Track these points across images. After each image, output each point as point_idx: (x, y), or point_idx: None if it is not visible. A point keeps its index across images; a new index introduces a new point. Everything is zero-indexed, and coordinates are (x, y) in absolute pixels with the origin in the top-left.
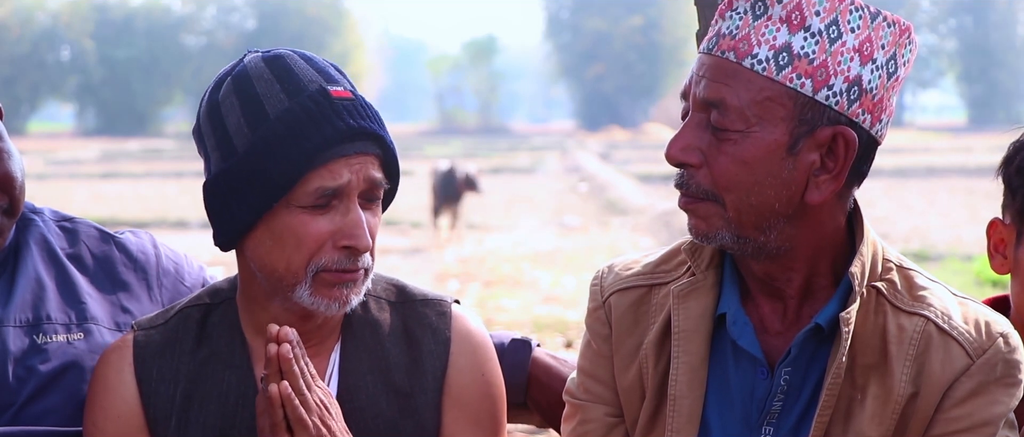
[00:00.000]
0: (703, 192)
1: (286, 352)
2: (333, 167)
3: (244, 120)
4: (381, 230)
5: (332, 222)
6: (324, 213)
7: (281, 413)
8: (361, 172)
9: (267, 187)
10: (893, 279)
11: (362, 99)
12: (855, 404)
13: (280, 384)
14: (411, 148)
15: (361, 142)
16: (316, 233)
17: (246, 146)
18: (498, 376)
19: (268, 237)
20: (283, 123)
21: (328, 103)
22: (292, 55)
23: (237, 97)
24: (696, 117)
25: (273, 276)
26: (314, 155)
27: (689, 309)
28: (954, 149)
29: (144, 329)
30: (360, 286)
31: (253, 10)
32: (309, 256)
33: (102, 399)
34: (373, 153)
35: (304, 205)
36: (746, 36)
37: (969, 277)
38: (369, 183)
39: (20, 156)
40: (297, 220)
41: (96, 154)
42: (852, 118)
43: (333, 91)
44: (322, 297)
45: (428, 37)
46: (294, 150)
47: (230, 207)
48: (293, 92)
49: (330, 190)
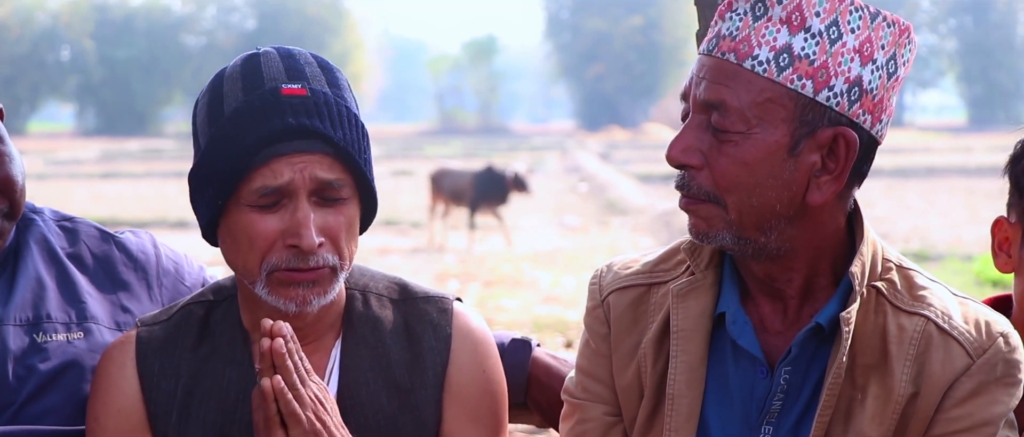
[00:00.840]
0: (704, 193)
1: (279, 347)
2: (274, 166)
3: (208, 117)
4: (381, 230)
5: (282, 221)
6: (274, 212)
7: (274, 407)
8: (306, 171)
9: (218, 184)
10: (893, 279)
11: (324, 97)
12: (855, 404)
13: (273, 378)
14: (411, 148)
15: (303, 140)
16: (264, 232)
17: (206, 143)
18: (499, 373)
19: (228, 235)
20: (232, 121)
21: (275, 100)
22: (269, 53)
23: (210, 94)
24: (697, 118)
25: (238, 273)
26: (254, 152)
27: (688, 308)
28: (954, 149)
29: (147, 325)
30: (325, 286)
31: (253, 10)
32: (261, 255)
33: (104, 394)
34: (320, 151)
35: (251, 204)
36: (746, 37)
37: (969, 277)
38: (316, 183)
39: (21, 158)
40: (247, 219)
41: (96, 154)
42: (853, 119)
43: (285, 88)
44: (279, 296)
45: (428, 37)
46: (237, 147)
47: (197, 203)
48: (249, 89)
49: (271, 189)
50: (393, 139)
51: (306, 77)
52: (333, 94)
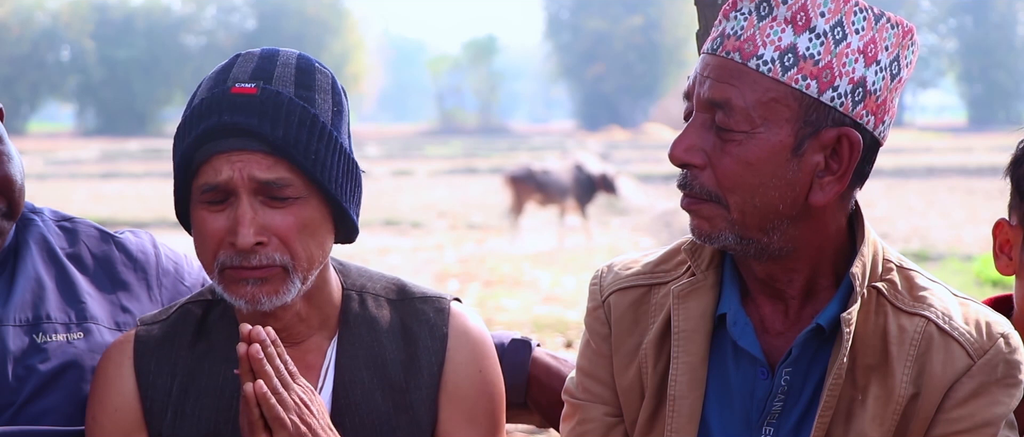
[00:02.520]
0: (706, 193)
1: (256, 352)
2: (214, 163)
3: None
4: (381, 230)
5: (228, 218)
6: (222, 210)
7: (257, 411)
8: (244, 170)
9: (177, 180)
10: (894, 279)
11: (275, 97)
12: (856, 405)
13: (255, 383)
14: (411, 148)
15: (238, 138)
16: (212, 230)
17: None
18: (497, 374)
19: (194, 232)
20: (186, 118)
21: (223, 99)
22: (251, 54)
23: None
24: (700, 117)
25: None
26: (195, 149)
27: (689, 309)
28: (954, 149)
29: (146, 325)
30: (276, 285)
31: (253, 10)
32: (213, 253)
33: (101, 393)
34: (257, 150)
35: (200, 201)
36: (751, 37)
37: (969, 277)
38: (255, 182)
39: (20, 158)
40: (199, 216)
41: (96, 154)
42: (856, 119)
43: (236, 87)
44: (231, 293)
45: (428, 37)
46: (184, 144)
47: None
48: (209, 87)
49: (211, 186)
50: (393, 139)
51: (270, 78)
52: (294, 95)
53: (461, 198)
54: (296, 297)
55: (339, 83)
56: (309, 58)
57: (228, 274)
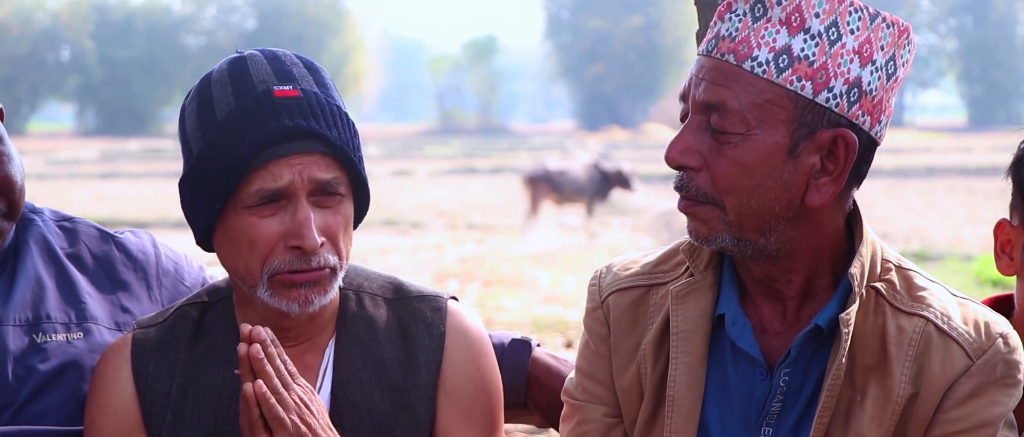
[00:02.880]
0: (703, 195)
1: (256, 352)
2: (273, 168)
3: (198, 123)
4: (381, 230)
5: (282, 223)
6: (273, 214)
7: (257, 412)
8: (304, 172)
9: (215, 190)
10: (892, 280)
11: (316, 98)
12: (855, 405)
13: (254, 383)
14: (411, 148)
15: (300, 141)
16: (265, 235)
17: (198, 149)
18: (494, 372)
19: (226, 239)
20: (226, 125)
21: (269, 103)
22: (255, 55)
23: (197, 100)
24: (696, 119)
25: (237, 277)
26: (252, 156)
27: (688, 309)
28: (954, 149)
29: (143, 327)
30: (326, 286)
31: (253, 10)
32: (263, 258)
33: (100, 396)
34: (317, 152)
35: (250, 206)
36: (746, 38)
37: (969, 277)
38: (315, 183)
39: (20, 158)
40: (246, 222)
41: (96, 154)
42: (852, 120)
43: (277, 90)
44: (281, 298)
45: (428, 37)
46: (234, 152)
47: (193, 209)
48: (240, 93)
49: (270, 191)
50: (393, 139)
51: (295, 78)
52: (323, 94)
53: (461, 198)
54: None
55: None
56: (303, 57)
57: (280, 279)
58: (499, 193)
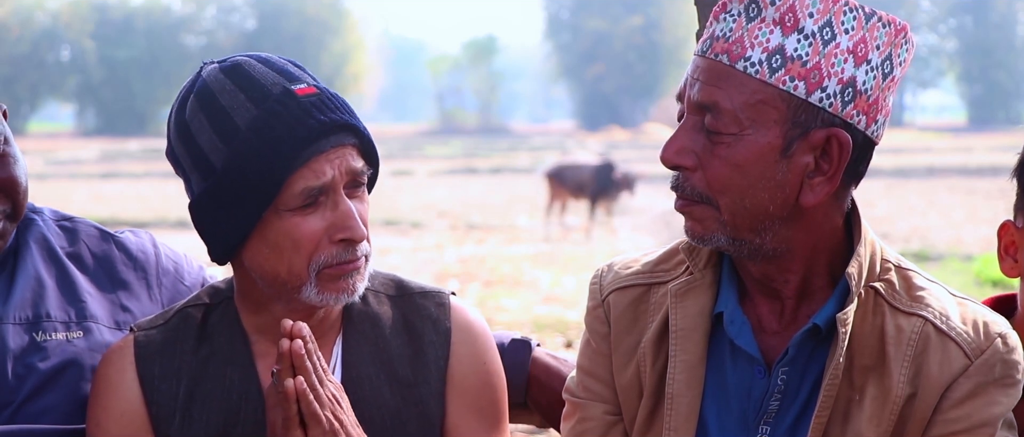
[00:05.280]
0: (698, 195)
1: (298, 348)
2: (314, 165)
3: (216, 136)
4: (381, 230)
5: (324, 218)
6: (314, 211)
7: (296, 408)
8: (342, 165)
9: (253, 198)
10: (891, 279)
11: (327, 92)
12: (853, 405)
13: (295, 380)
14: (411, 148)
15: (336, 135)
16: (310, 232)
17: (223, 161)
18: (498, 365)
19: (264, 246)
20: (255, 132)
21: (295, 103)
22: (249, 61)
23: (204, 113)
24: (691, 120)
25: (276, 282)
26: (293, 157)
27: (687, 308)
28: (954, 149)
29: (144, 330)
30: (363, 273)
31: (253, 10)
32: (309, 256)
33: (104, 399)
34: (350, 143)
35: (293, 208)
36: (739, 38)
37: (969, 277)
38: (351, 174)
39: (24, 160)
40: (289, 224)
41: (96, 154)
42: (846, 120)
43: (297, 89)
44: (330, 292)
45: (428, 37)
46: (272, 156)
47: (220, 224)
48: (259, 98)
49: (316, 189)
50: (393, 139)
51: (299, 77)
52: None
53: (461, 198)
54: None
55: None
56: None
57: (329, 273)
58: (499, 193)
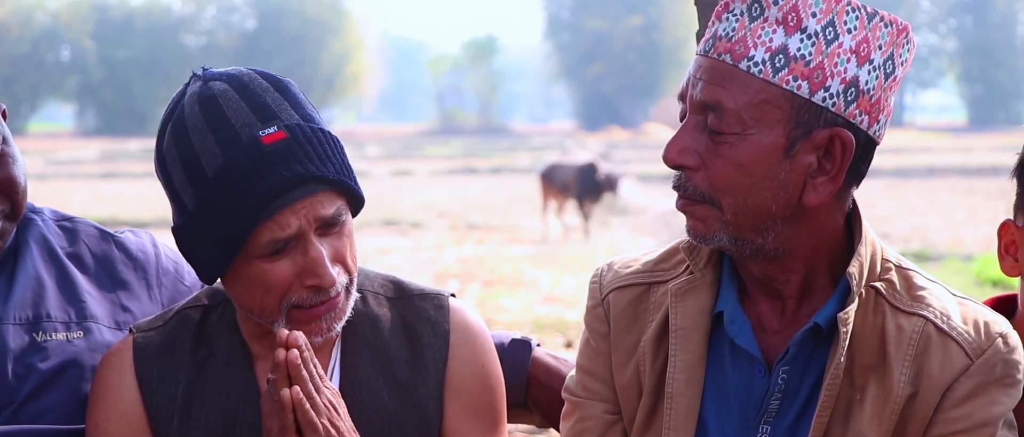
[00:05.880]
0: (700, 194)
1: (295, 358)
2: (279, 219)
3: (186, 178)
4: (381, 230)
5: (294, 263)
6: (284, 256)
7: (292, 417)
8: (309, 214)
9: (220, 244)
10: (892, 279)
11: (301, 131)
12: (854, 404)
13: (292, 389)
14: (411, 148)
15: (301, 188)
16: (280, 277)
17: (193, 204)
18: (497, 368)
19: (237, 283)
20: (221, 183)
21: (260, 154)
22: (227, 93)
23: (177, 151)
24: (693, 119)
25: (251, 313)
26: (257, 212)
27: (687, 307)
28: (954, 149)
29: (143, 332)
30: (342, 310)
31: (253, 10)
32: (280, 297)
33: (103, 401)
34: (318, 192)
35: (261, 256)
36: (742, 38)
37: (969, 277)
38: (321, 221)
39: (23, 160)
40: (258, 269)
41: (96, 154)
42: (849, 119)
43: (264, 137)
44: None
45: (428, 37)
46: (236, 210)
47: (197, 256)
48: (226, 144)
49: (281, 240)
50: (393, 139)
51: (274, 113)
52: (304, 123)
53: (461, 198)
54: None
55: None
56: (265, 72)
57: (300, 315)
58: (499, 193)
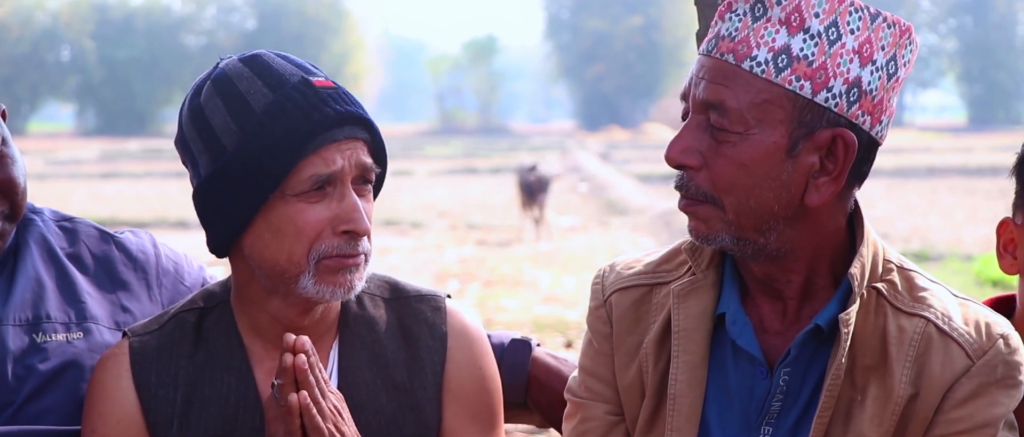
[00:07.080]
0: (702, 194)
1: (302, 363)
2: (325, 153)
3: (231, 118)
4: (381, 230)
5: (329, 209)
6: (320, 200)
7: (298, 422)
8: (352, 157)
9: (261, 179)
10: (893, 280)
11: (344, 88)
12: (855, 405)
13: (299, 394)
14: (411, 148)
15: (349, 127)
16: (314, 221)
17: (235, 143)
18: (494, 370)
19: (266, 230)
20: (270, 115)
21: (313, 92)
22: (268, 53)
23: (220, 98)
24: (695, 119)
25: (275, 270)
26: (305, 142)
27: (689, 308)
28: (954, 149)
29: (138, 335)
30: (362, 271)
31: (253, 10)
32: (309, 244)
33: (100, 405)
34: (362, 138)
35: (299, 193)
36: (745, 38)
37: (969, 277)
38: (360, 168)
39: (23, 160)
40: (294, 209)
41: (96, 154)
42: (852, 120)
43: (315, 80)
44: (326, 284)
45: (428, 37)
46: (285, 139)
47: (225, 206)
48: (276, 85)
49: (324, 176)
50: (393, 139)
51: (317, 72)
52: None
53: (461, 198)
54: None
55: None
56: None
57: (328, 264)
58: (499, 193)
